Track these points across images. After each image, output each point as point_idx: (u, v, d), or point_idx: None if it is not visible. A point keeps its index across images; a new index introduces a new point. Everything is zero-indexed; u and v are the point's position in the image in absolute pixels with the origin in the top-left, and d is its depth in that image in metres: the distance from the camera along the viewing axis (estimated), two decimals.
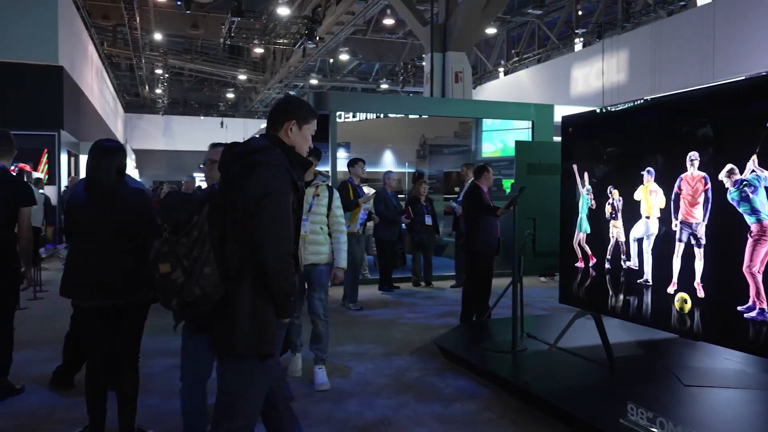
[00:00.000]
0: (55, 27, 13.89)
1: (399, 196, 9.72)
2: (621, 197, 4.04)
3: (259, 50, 24.67)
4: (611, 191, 4.12)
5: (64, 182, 14.53)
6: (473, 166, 7.91)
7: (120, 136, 29.02)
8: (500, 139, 12.07)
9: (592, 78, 17.40)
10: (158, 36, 23.19)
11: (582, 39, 18.80)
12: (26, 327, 5.74)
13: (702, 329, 3.44)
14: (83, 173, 4.25)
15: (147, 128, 33.93)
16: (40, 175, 12.76)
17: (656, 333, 4.50)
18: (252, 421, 2.40)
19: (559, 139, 4.77)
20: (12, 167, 4.57)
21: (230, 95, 34.34)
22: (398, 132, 13.69)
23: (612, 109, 4.17)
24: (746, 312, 3.11)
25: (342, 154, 11.87)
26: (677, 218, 3.56)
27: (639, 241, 3.90)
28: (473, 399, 4.17)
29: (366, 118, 13.32)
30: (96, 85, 20.83)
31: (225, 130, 29.77)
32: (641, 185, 3.85)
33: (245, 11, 17.62)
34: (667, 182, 3.65)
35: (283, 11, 19.26)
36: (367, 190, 8.15)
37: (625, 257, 4.02)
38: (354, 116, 13.22)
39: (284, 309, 2.31)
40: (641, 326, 4.23)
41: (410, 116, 12.64)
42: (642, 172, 3.83)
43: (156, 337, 4.64)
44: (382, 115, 12.51)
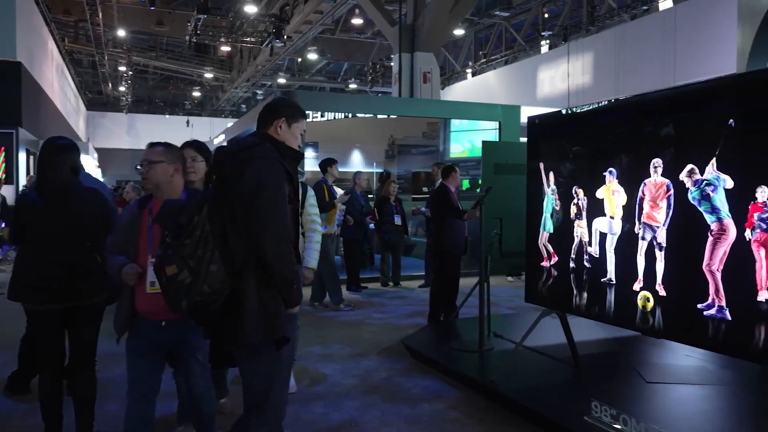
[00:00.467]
0: (13, 21, 13.48)
1: (368, 196, 9.70)
2: (585, 197, 4.09)
3: (226, 48, 24.36)
4: (576, 191, 4.17)
5: (23, 182, 14.11)
6: (443, 166, 7.95)
7: (82, 135, 28.34)
8: (468, 140, 12.15)
9: (558, 80, 17.66)
10: (122, 33, 22.69)
11: (548, 41, 19.06)
12: None
13: (664, 327, 3.50)
14: None
15: (110, 126, 33.17)
16: None
17: (620, 331, 4.57)
18: (280, 414, 2.48)
19: (526, 140, 4.81)
20: None
21: (196, 93, 33.84)
22: (367, 132, 13.68)
23: (576, 110, 4.22)
24: (706, 310, 3.17)
25: (310, 154, 11.80)
26: (640, 220, 3.62)
27: (602, 237, 3.95)
28: (440, 399, 4.17)
29: (334, 118, 13.28)
30: (57, 82, 20.29)
31: (191, 129, 29.32)
32: (604, 185, 3.91)
33: (211, 8, 17.35)
34: (629, 182, 3.71)
35: (250, 9, 19.04)
36: (338, 191, 8.12)
37: (588, 256, 4.07)
38: (322, 116, 13.16)
39: (290, 298, 2.37)
40: (605, 324, 4.29)
41: (379, 116, 12.64)
42: (604, 173, 3.89)
43: (115, 340, 4.52)
44: (351, 115, 12.48)
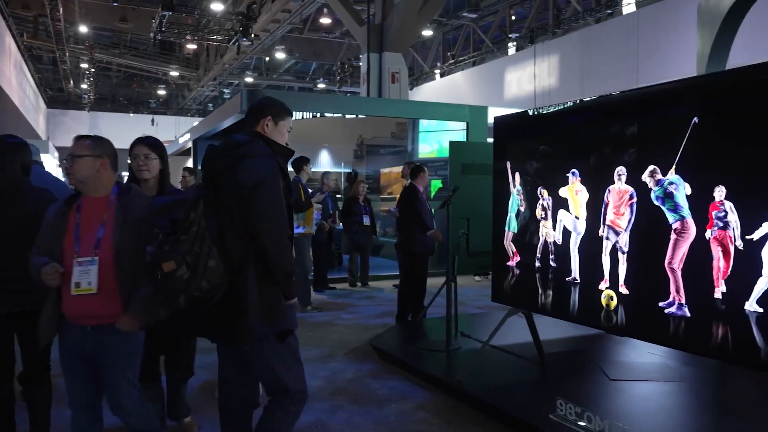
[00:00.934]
0: None
1: (337, 196, 9.65)
2: (550, 197, 4.13)
3: (192, 46, 23.96)
4: (541, 191, 4.20)
5: None
6: (412, 166, 7.95)
7: (42, 133, 27.57)
8: (436, 140, 12.19)
9: (525, 81, 17.86)
10: (83, 29, 22.11)
11: (515, 43, 19.25)
12: None
13: (627, 325, 3.55)
14: None
15: (72, 125, 32.26)
16: None
17: (585, 329, 4.63)
18: (302, 385, 2.58)
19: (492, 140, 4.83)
20: None
21: (162, 92, 33.20)
22: (335, 132, 13.60)
23: (542, 111, 4.26)
24: (667, 307, 3.23)
25: None
26: (605, 222, 3.67)
27: (566, 233, 3.98)
28: (408, 399, 4.16)
29: (302, 118, 13.16)
30: (14, 79, 19.67)
31: (156, 128, 28.78)
32: (567, 186, 3.95)
33: (177, 5, 17.04)
34: (592, 182, 3.76)
35: (217, 7, 18.77)
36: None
37: (554, 255, 4.10)
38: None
39: (289, 290, 2.43)
40: (570, 323, 4.34)
41: (347, 116, 12.58)
42: (567, 174, 3.92)
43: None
44: (319, 115, 12.39)
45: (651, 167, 3.31)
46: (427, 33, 21.61)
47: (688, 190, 3.11)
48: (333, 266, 8.89)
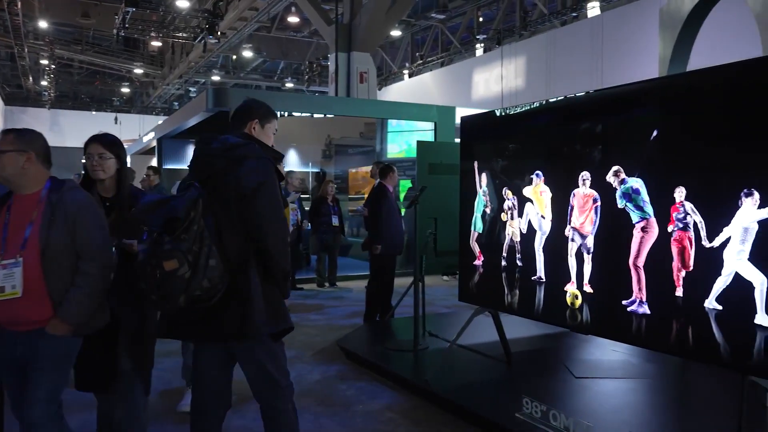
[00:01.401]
0: None
1: (303, 196, 9.57)
2: (515, 197, 4.15)
3: (157, 44, 23.50)
4: (506, 192, 4.22)
5: None
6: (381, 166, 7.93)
7: None
8: (405, 140, 12.21)
9: (492, 82, 18.01)
10: (43, 24, 21.50)
11: (483, 45, 19.40)
12: None
13: (591, 323, 3.59)
14: None
15: (31, 123, 31.37)
16: None
17: (551, 327, 4.67)
18: (289, 379, 2.58)
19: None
20: None
21: (125, 90, 32.49)
22: (303, 131, 13.50)
23: (508, 112, 4.28)
24: (629, 305, 3.27)
25: None
26: (570, 223, 3.70)
27: (531, 230, 4.01)
28: (375, 400, 4.13)
29: None
30: None
31: (119, 126, 28.15)
32: (531, 186, 3.98)
33: (141, 2, 16.70)
34: (556, 183, 3.79)
35: (182, 4, 18.43)
36: None
37: (519, 254, 4.13)
38: None
39: (285, 289, 2.48)
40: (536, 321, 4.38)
41: (315, 116, 12.50)
42: (531, 176, 3.95)
43: None
44: (287, 114, 12.29)
45: (615, 167, 3.34)
46: (396, 33, 21.63)
47: (650, 191, 3.15)
48: (301, 267, 8.82)
